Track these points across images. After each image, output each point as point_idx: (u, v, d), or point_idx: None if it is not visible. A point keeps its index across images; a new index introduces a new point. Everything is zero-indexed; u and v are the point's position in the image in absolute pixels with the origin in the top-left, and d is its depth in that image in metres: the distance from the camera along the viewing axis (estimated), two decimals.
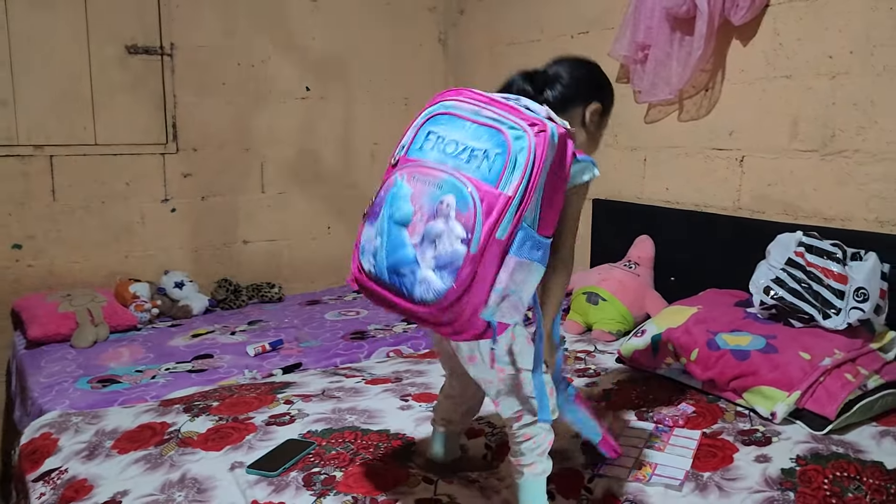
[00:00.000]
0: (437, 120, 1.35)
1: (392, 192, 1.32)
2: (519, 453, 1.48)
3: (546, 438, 1.48)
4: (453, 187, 1.25)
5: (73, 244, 3.17)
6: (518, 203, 1.24)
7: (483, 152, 1.27)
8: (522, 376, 1.47)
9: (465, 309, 1.26)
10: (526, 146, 1.25)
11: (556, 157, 1.30)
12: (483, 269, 1.25)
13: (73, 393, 2.35)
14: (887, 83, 2.16)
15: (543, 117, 1.31)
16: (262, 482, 1.65)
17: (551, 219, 1.34)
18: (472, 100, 1.35)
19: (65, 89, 3.06)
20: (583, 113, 1.57)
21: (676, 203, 2.85)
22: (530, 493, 1.48)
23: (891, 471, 1.72)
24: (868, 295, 2.04)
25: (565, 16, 3.21)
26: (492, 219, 1.23)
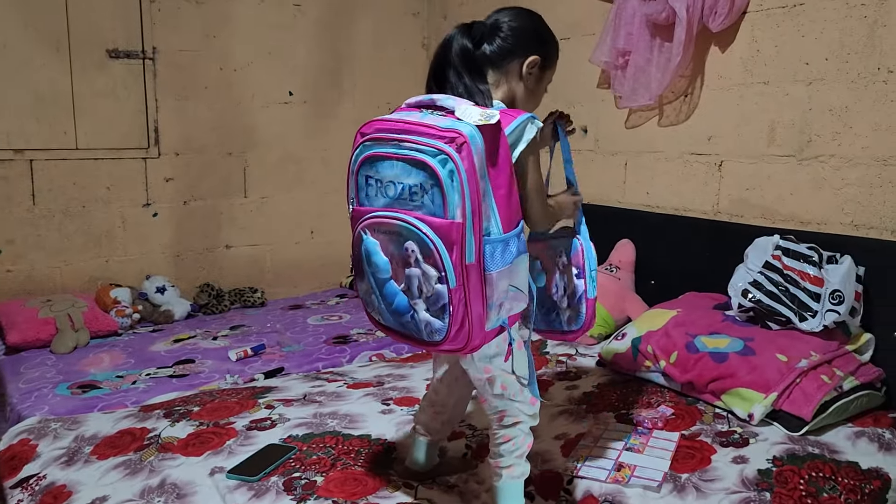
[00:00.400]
0: (367, 164, 1.37)
1: (364, 250, 1.38)
2: (498, 455, 1.49)
3: (525, 441, 1.50)
4: (410, 233, 1.30)
5: (53, 249, 3.15)
6: (471, 224, 1.27)
7: (419, 186, 1.29)
8: (509, 379, 1.48)
9: (473, 331, 1.33)
10: (454, 167, 1.25)
11: (490, 153, 1.30)
12: (470, 294, 1.30)
13: (52, 399, 2.33)
14: (861, 90, 2.19)
15: (466, 122, 1.28)
16: (242, 487, 1.65)
17: (513, 209, 1.36)
18: (388, 132, 1.34)
19: (45, 93, 3.05)
20: (520, 66, 1.54)
21: (657, 207, 2.88)
22: (508, 495, 1.49)
23: (865, 471, 1.75)
24: (843, 297, 2.07)
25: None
26: (455, 250, 1.28)
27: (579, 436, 1.91)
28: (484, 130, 1.29)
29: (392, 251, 1.34)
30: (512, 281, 1.36)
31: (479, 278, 1.31)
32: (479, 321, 1.33)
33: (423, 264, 1.30)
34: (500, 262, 1.32)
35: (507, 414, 1.48)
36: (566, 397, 2.18)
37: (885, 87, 2.14)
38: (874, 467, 1.76)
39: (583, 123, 3.16)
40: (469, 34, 1.52)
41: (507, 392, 1.48)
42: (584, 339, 2.69)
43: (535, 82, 1.57)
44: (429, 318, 1.33)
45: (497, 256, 1.32)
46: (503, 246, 1.33)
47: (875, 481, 1.72)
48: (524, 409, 1.49)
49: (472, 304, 1.31)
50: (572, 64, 3.05)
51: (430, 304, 1.32)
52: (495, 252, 1.32)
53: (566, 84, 3.18)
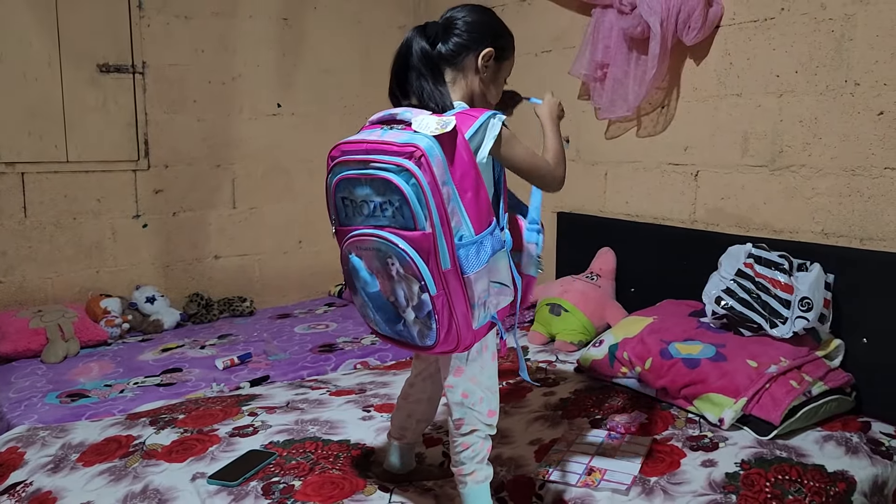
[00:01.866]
0: (340, 187, 1.44)
1: (351, 267, 1.46)
2: (459, 462, 1.54)
3: (484, 446, 1.55)
4: (387, 248, 1.37)
5: (44, 260, 3.19)
6: (441, 232, 1.33)
7: (388, 203, 1.36)
8: (471, 387, 1.53)
9: (461, 332, 1.41)
10: (416, 181, 1.31)
11: (451, 160, 1.35)
12: (453, 298, 1.38)
13: (41, 408, 2.37)
14: (830, 101, 2.25)
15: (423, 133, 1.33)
16: (222, 492, 1.70)
17: (482, 210, 1.41)
18: (354, 153, 1.40)
19: (36, 107, 3.09)
20: (476, 59, 1.56)
21: (636, 216, 2.93)
22: (475, 500, 1.54)
23: (831, 473, 1.80)
24: (812, 304, 2.12)
25: (530, 35, 3.29)
26: (430, 258, 1.35)
27: (553, 441, 1.96)
28: (442, 139, 1.34)
29: (376, 266, 1.41)
30: (492, 278, 1.43)
31: (459, 282, 1.38)
32: (465, 322, 1.41)
33: (404, 276, 1.37)
34: (476, 264, 1.38)
35: (464, 422, 1.53)
36: (543, 403, 2.23)
37: (851, 99, 2.20)
38: (840, 470, 1.81)
39: (565, 134, 3.20)
40: (425, 34, 1.56)
41: (467, 400, 1.53)
42: (564, 345, 2.74)
43: (491, 75, 1.59)
44: (419, 325, 1.41)
45: (472, 259, 1.37)
46: (477, 248, 1.38)
47: (840, 484, 1.77)
48: (482, 418, 1.54)
49: (455, 307, 1.38)
50: (554, 76, 3.13)
51: (417, 312, 1.40)
52: (469, 254, 1.37)
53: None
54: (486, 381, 1.56)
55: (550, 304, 2.84)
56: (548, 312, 2.84)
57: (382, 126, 1.43)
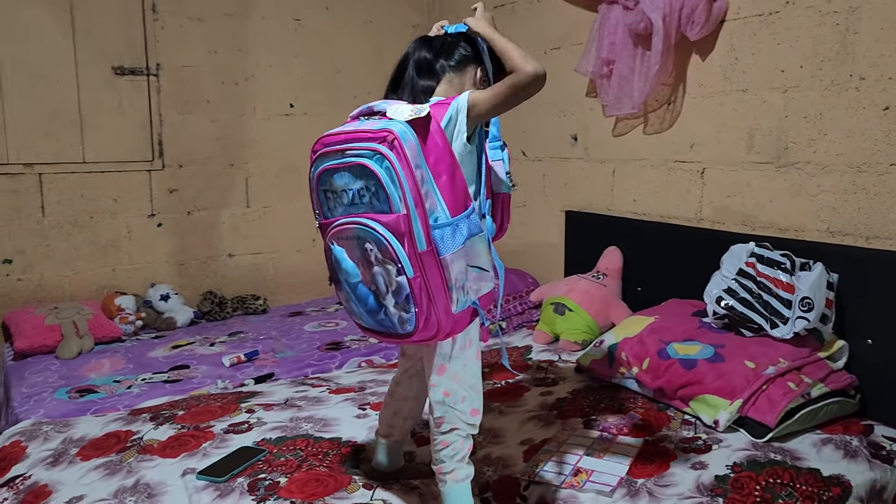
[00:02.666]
0: (321, 180, 1.47)
1: (334, 259, 1.47)
2: (439, 461, 1.54)
3: (464, 445, 1.54)
4: (365, 233, 1.39)
5: (62, 259, 3.27)
6: (415, 213, 1.35)
7: (365, 188, 1.38)
8: (453, 386, 1.54)
9: (441, 318, 1.43)
10: (389, 164, 1.34)
11: (424, 144, 1.39)
12: (429, 280, 1.39)
13: (49, 402, 2.43)
14: (834, 96, 2.20)
15: (397, 120, 1.37)
16: (209, 487, 1.72)
17: (459, 193, 1.44)
18: (333, 144, 1.43)
19: (54, 109, 3.17)
20: (475, 71, 1.63)
21: (643, 215, 2.89)
22: (453, 498, 1.54)
23: (826, 478, 1.76)
24: (813, 304, 2.08)
25: (538, 33, 3.27)
26: (406, 240, 1.36)
27: (544, 441, 1.95)
28: (416, 125, 1.39)
29: (356, 255, 1.43)
30: (470, 261, 1.44)
31: (436, 264, 1.40)
32: (443, 306, 1.42)
33: (382, 260, 1.39)
34: (452, 245, 1.40)
35: (444, 420, 1.54)
36: (539, 403, 2.22)
37: (857, 94, 2.14)
38: (836, 474, 1.77)
39: (573, 132, 3.20)
40: (430, 47, 1.63)
41: (448, 399, 1.53)
42: (568, 345, 2.72)
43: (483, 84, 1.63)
44: (398, 311, 1.42)
45: (447, 240, 1.40)
46: (452, 230, 1.40)
47: (835, 488, 1.73)
48: (463, 417, 1.54)
49: (432, 289, 1.40)
50: (562, 73, 3.10)
51: (396, 298, 1.41)
52: (444, 236, 1.39)
53: (556, 93, 3.22)
54: (469, 379, 1.56)
55: (555, 304, 2.83)
56: (552, 312, 2.82)
57: (361, 118, 1.47)
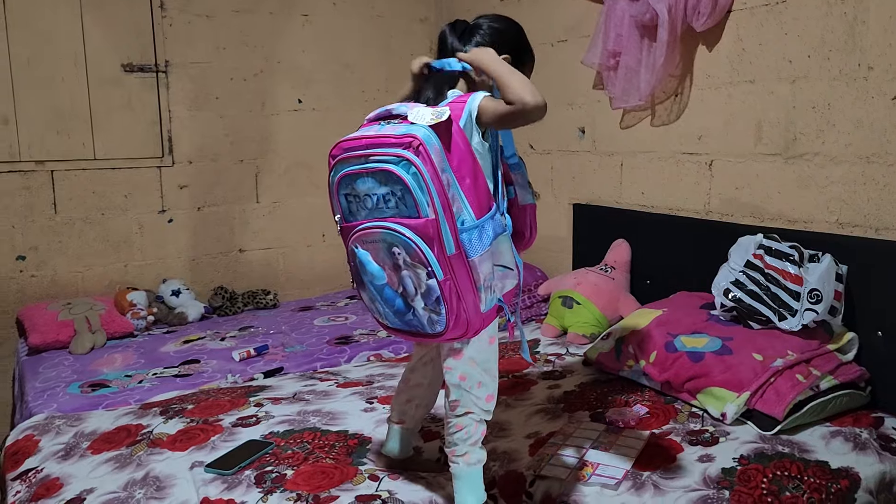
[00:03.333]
0: (343, 184, 1.47)
1: (358, 262, 1.49)
2: (452, 443, 1.57)
3: (478, 429, 1.57)
4: (393, 238, 1.41)
5: (74, 255, 3.31)
6: (443, 217, 1.38)
7: (391, 193, 1.40)
8: (469, 370, 1.55)
9: (470, 318, 1.46)
10: (416, 169, 1.35)
11: (447, 148, 1.40)
12: (459, 283, 1.42)
13: (62, 397, 2.46)
14: (843, 86, 2.18)
15: (419, 124, 1.38)
16: (217, 480, 1.74)
17: (481, 195, 1.46)
18: (354, 149, 1.43)
19: (64, 107, 3.20)
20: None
21: (651, 207, 2.88)
22: (466, 482, 1.56)
23: (835, 470, 1.75)
24: (821, 296, 2.06)
25: (546, 25, 3.26)
26: (435, 244, 1.39)
27: (550, 434, 1.95)
28: (438, 129, 1.40)
29: (382, 258, 1.45)
30: (496, 261, 1.48)
31: (464, 266, 1.42)
32: (473, 306, 1.45)
33: (411, 264, 1.41)
34: (480, 247, 1.43)
35: (459, 404, 1.56)
36: (546, 396, 2.22)
37: (865, 84, 2.12)
38: (845, 467, 1.76)
39: (580, 124, 3.19)
40: (455, 31, 1.64)
41: (464, 383, 1.55)
42: (576, 338, 2.72)
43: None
44: (428, 312, 1.44)
45: (475, 242, 1.42)
46: (479, 231, 1.43)
47: (843, 481, 1.72)
48: (479, 403, 1.56)
49: (462, 291, 1.43)
50: (570, 65, 3.10)
51: (426, 300, 1.43)
52: (472, 238, 1.42)
53: (564, 86, 3.21)
54: (485, 364, 1.58)
55: (563, 297, 2.82)
56: (560, 305, 2.82)
57: (380, 122, 1.48)
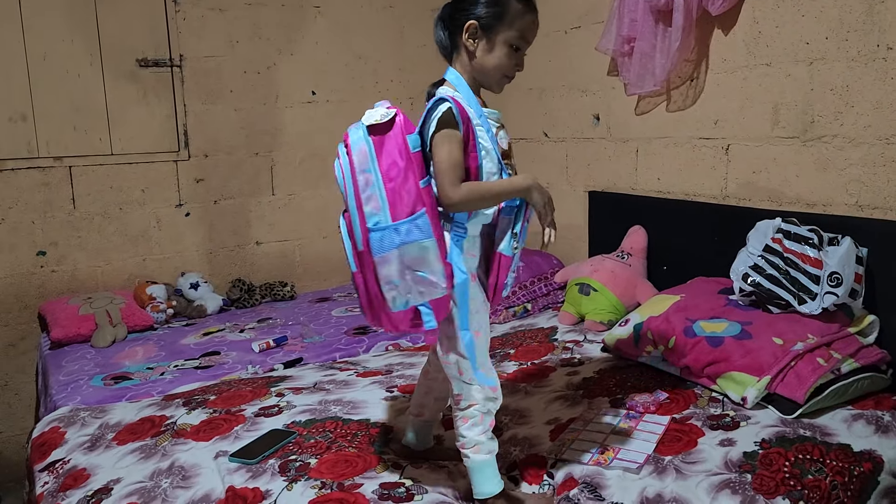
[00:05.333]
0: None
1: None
2: (461, 436, 1.57)
3: (484, 420, 1.57)
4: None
5: (93, 249, 3.34)
6: (356, 214, 1.43)
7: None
8: (465, 363, 1.55)
9: (381, 314, 1.51)
10: (340, 166, 1.46)
11: (380, 149, 1.44)
12: (368, 278, 1.48)
13: (86, 390, 2.49)
14: (861, 67, 2.16)
15: (361, 123, 1.46)
16: (241, 469, 1.76)
17: (406, 200, 1.43)
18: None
19: (80, 103, 3.22)
20: (460, 38, 1.56)
21: (668, 193, 2.87)
22: (478, 473, 1.56)
23: (857, 453, 1.74)
24: (842, 279, 2.05)
25: (559, 12, 3.25)
26: (352, 238, 1.47)
27: (570, 420, 1.96)
28: (378, 129, 1.44)
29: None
30: (413, 266, 1.43)
31: (371, 264, 1.44)
32: (380, 303, 1.48)
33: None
34: (386, 248, 1.41)
35: (462, 397, 1.57)
36: (566, 383, 2.23)
37: (884, 65, 2.10)
38: (867, 450, 1.76)
39: (595, 111, 3.18)
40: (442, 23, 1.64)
41: (463, 376, 1.57)
42: (593, 325, 2.72)
43: (483, 49, 1.54)
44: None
45: (384, 243, 1.41)
46: (391, 233, 1.41)
47: (866, 464, 1.71)
48: (478, 394, 1.57)
49: (369, 287, 1.48)
50: (584, 52, 3.08)
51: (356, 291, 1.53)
52: (383, 239, 1.41)
53: (578, 72, 3.20)
54: (478, 357, 1.57)
55: (580, 284, 2.82)
56: (577, 292, 2.82)
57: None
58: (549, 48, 3.32)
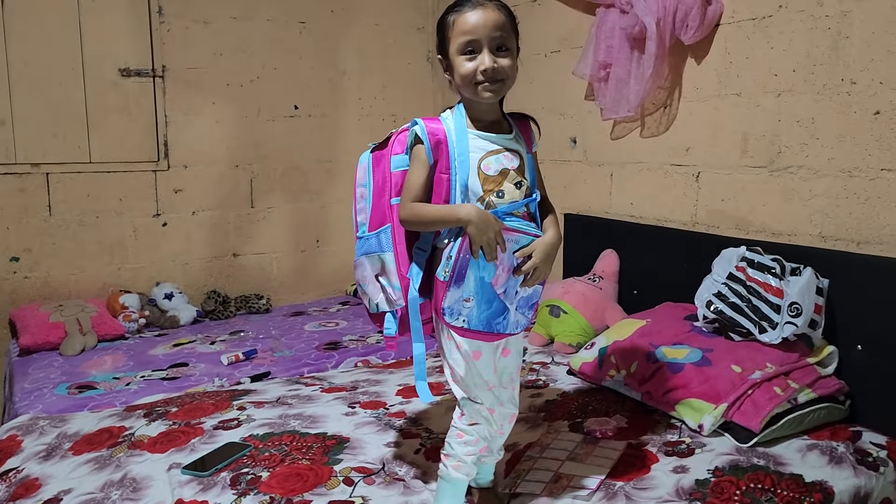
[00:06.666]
0: None
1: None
2: (448, 446, 1.60)
3: (478, 443, 1.59)
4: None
5: (68, 257, 3.33)
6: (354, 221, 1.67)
7: None
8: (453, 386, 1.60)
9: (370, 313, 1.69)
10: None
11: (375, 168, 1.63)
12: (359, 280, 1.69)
13: (49, 398, 2.48)
14: (826, 101, 2.19)
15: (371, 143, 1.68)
16: (193, 482, 1.75)
17: (378, 213, 1.61)
18: None
19: (61, 110, 3.23)
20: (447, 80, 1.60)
21: (640, 218, 2.89)
22: (447, 491, 1.58)
23: (809, 483, 1.75)
24: (801, 309, 2.07)
25: (540, 36, 3.28)
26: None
27: (528, 446, 1.95)
28: (379, 147, 1.64)
29: None
30: (379, 273, 1.60)
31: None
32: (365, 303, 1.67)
33: None
34: (358, 254, 1.63)
35: (465, 413, 1.61)
36: (528, 405, 2.23)
37: (848, 98, 2.13)
38: (819, 480, 1.76)
39: (572, 134, 3.20)
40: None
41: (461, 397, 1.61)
42: (562, 347, 2.73)
43: (454, 73, 1.55)
44: None
45: (359, 249, 1.63)
46: (364, 241, 1.62)
47: (817, 494, 1.72)
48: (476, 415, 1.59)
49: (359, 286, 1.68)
50: (562, 76, 3.11)
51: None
52: (360, 246, 1.63)
53: (557, 96, 3.23)
54: (471, 380, 1.58)
55: (550, 306, 2.83)
56: (547, 314, 2.83)
57: None
58: (529, 71, 3.34)
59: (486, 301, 1.52)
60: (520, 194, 1.56)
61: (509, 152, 1.56)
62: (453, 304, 1.52)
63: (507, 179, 1.54)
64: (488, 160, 1.54)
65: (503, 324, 1.56)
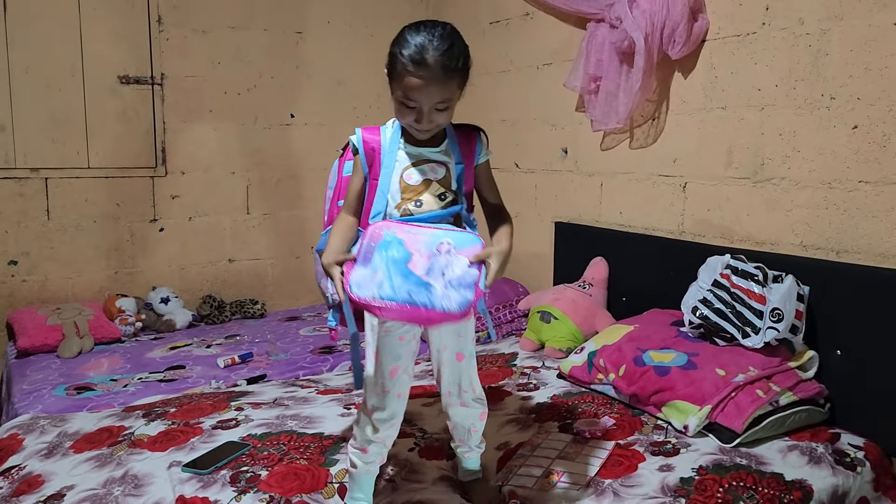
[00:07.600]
0: None
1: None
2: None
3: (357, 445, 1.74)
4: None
5: (65, 261, 3.37)
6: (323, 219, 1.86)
7: None
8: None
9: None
10: None
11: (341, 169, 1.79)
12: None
13: (48, 399, 2.52)
14: (807, 115, 2.27)
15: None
16: (193, 479, 1.80)
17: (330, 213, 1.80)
18: None
19: (60, 116, 3.28)
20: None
21: (629, 226, 2.97)
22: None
23: (789, 482, 1.82)
24: (783, 315, 2.14)
25: (532, 49, 3.36)
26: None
27: (519, 445, 2.01)
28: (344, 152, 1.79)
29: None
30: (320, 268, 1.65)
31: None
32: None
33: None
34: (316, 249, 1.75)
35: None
36: (519, 407, 2.29)
37: (828, 113, 2.21)
38: (798, 479, 1.83)
39: (563, 145, 3.28)
40: None
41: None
42: (552, 352, 2.80)
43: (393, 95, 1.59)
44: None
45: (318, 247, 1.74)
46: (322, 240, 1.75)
47: (796, 492, 1.79)
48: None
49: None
50: (554, 88, 3.19)
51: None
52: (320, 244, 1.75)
53: (549, 107, 3.31)
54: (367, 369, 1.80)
55: (541, 312, 2.90)
56: (538, 320, 2.89)
57: None
58: (521, 83, 3.44)
59: (400, 274, 1.47)
60: (441, 205, 1.62)
61: (434, 164, 1.63)
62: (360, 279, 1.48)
63: (428, 190, 1.61)
64: (411, 170, 1.61)
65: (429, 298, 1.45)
